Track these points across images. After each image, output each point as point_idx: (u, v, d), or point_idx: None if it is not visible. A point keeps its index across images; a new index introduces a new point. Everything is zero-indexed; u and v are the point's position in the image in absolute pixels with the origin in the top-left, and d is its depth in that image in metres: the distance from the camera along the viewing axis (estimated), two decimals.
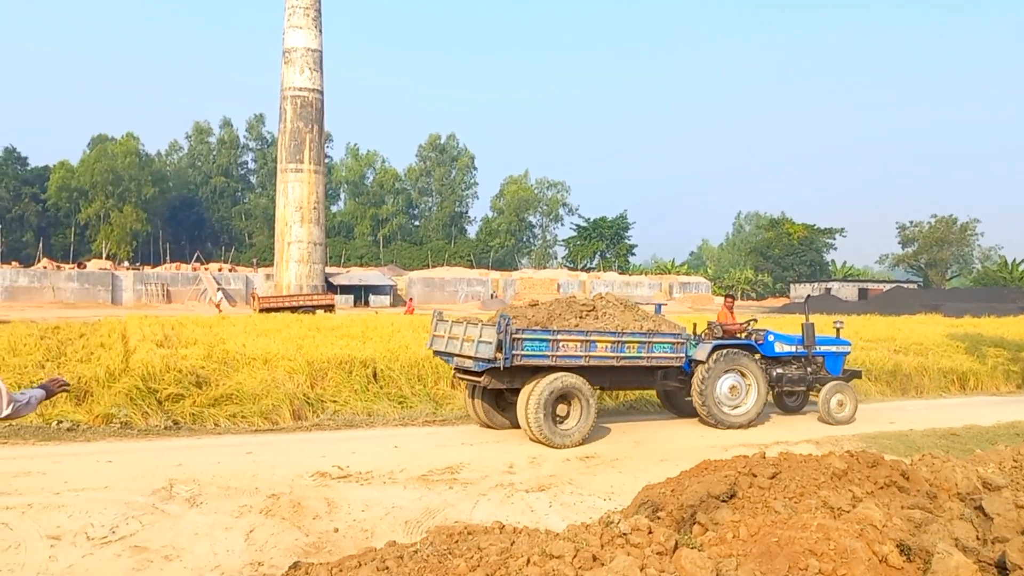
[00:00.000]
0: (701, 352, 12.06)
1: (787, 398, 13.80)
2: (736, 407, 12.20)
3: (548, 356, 10.24)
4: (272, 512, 7.28)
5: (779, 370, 13.05)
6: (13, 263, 65.23)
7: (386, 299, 62.75)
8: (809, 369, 13.29)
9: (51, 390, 4.29)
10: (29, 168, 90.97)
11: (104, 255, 78.35)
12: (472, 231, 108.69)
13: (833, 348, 13.64)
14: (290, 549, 6.35)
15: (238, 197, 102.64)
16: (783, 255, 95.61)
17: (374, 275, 68.12)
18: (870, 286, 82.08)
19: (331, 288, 57.34)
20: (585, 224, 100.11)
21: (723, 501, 5.43)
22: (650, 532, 4.47)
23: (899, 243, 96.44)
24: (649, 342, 10.98)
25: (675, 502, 5.61)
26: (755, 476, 5.71)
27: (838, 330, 13.96)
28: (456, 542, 4.53)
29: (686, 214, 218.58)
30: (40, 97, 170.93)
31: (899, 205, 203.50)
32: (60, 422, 10.95)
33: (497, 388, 10.75)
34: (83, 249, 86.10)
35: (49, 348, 16.07)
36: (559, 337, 10.28)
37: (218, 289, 49.95)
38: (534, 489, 8.33)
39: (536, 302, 11.66)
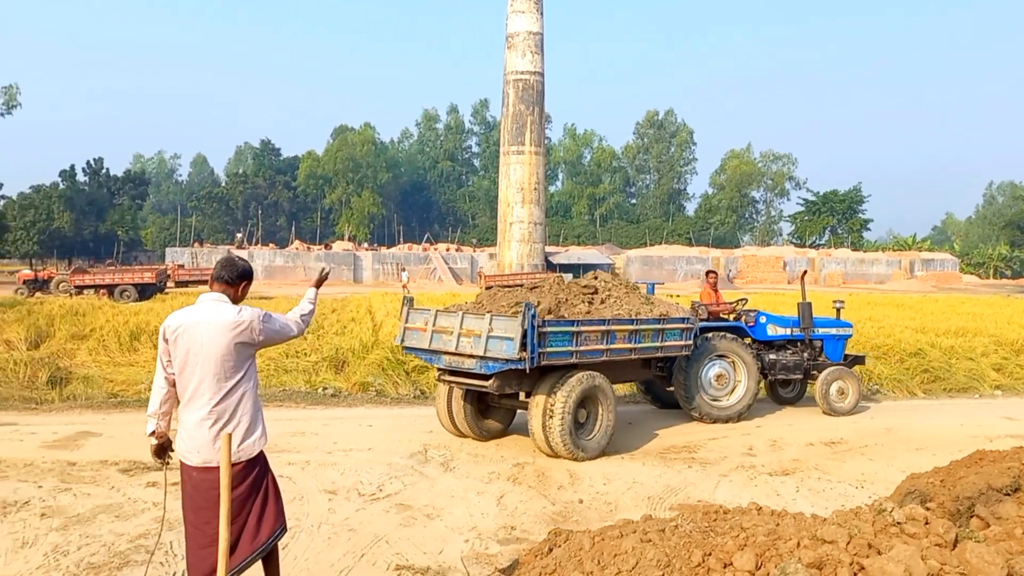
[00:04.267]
0: None
1: (781, 388, 12.24)
2: (723, 398, 10.78)
3: (571, 352, 8.50)
4: (519, 480, 7.63)
5: (772, 356, 11.53)
6: (270, 245, 72.62)
7: None
8: (806, 355, 11.80)
9: (319, 281, 4.66)
10: (282, 158, 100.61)
11: (346, 237, 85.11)
12: (691, 208, 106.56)
13: (833, 331, 12.06)
14: (539, 516, 6.62)
15: (463, 180, 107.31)
16: None
17: (592, 254, 68.76)
18: None
19: (550, 267, 58.55)
20: (814, 198, 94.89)
21: (1006, 495, 4.99)
22: (927, 523, 4.21)
23: None
24: (662, 329, 9.46)
25: (947, 493, 5.24)
26: None
27: (838, 311, 12.41)
28: (715, 520, 4.51)
29: (928, 185, 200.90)
30: (290, 93, 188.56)
31: None
32: (325, 388, 12.11)
33: (499, 393, 8.78)
34: (328, 231, 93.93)
35: None
36: (582, 328, 8.56)
37: (402, 270, 54.17)
38: (778, 473, 8.09)
39: (537, 284, 9.70)
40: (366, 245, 78.69)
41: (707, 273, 12.59)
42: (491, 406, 9.57)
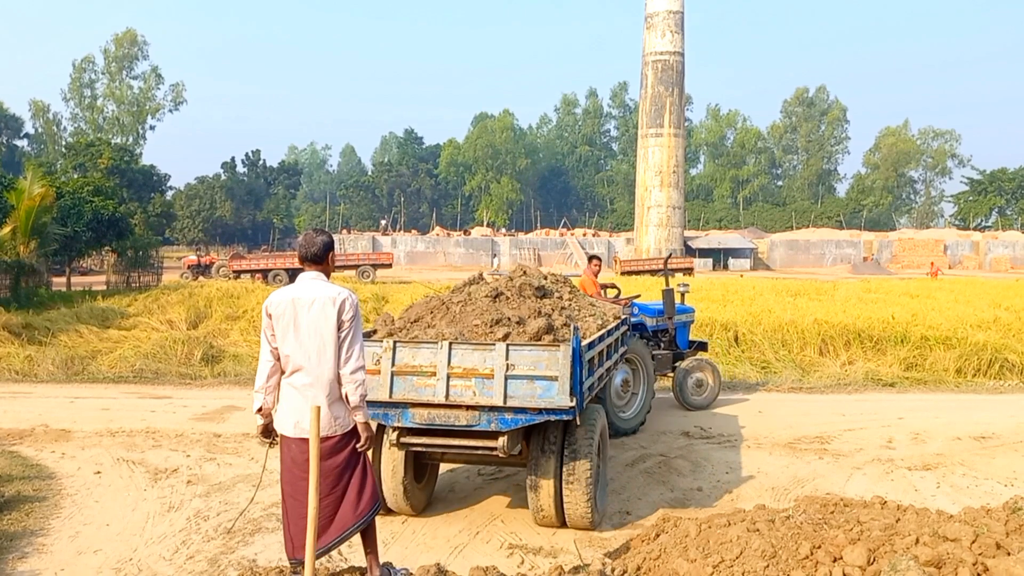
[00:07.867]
0: None
1: None
2: (626, 406, 8.98)
3: (592, 385, 6.03)
4: (639, 466, 7.55)
5: (653, 351, 10.01)
6: (412, 231, 74.94)
7: (746, 262, 61.22)
8: (663, 345, 10.53)
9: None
10: (424, 147, 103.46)
11: (485, 223, 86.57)
12: (842, 189, 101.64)
13: (684, 317, 10.83)
14: (656, 502, 6.54)
15: (601, 165, 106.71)
16: None
17: (733, 238, 66.77)
18: None
19: (689, 252, 57.39)
20: (979, 177, 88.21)
21: None
22: None
23: None
24: (623, 333, 7.85)
25: None
26: None
27: (683, 296, 11.14)
28: (831, 512, 4.32)
29: None
30: (433, 83, 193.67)
31: None
32: None
33: (507, 456, 5.62)
34: (467, 218, 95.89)
35: None
36: (595, 351, 6.13)
37: (494, 256, 54.82)
38: (918, 467, 7.61)
39: (499, 290, 6.59)
40: (504, 231, 79.73)
41: (590, 259, 10.77)
42: (423, 467, 6.49)
